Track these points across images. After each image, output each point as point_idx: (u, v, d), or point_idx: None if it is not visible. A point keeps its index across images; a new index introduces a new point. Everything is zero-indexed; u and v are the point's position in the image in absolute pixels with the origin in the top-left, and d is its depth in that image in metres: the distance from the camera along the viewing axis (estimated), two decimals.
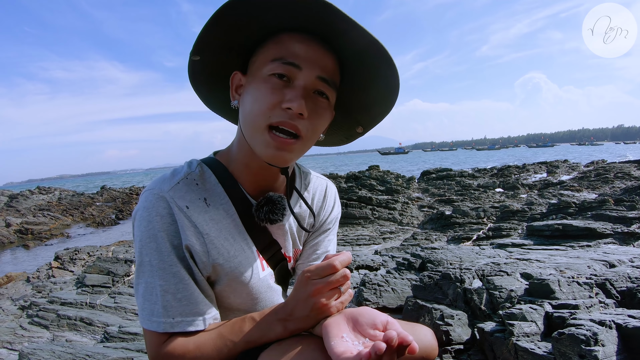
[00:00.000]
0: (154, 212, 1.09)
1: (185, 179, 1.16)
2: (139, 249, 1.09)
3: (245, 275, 1.23)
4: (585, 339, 1.22)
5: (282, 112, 1.03)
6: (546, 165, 23.42)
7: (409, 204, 12.61)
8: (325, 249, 1.46)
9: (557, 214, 7.01)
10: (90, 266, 5.61)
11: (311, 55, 1.04)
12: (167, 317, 1.08)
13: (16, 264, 12.40)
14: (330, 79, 1.07)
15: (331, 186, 1.51)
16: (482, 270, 2.26)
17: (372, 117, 1.28)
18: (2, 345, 4.09)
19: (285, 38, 1.06)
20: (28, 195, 28.67)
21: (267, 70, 1.05)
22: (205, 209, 1.15)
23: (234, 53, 1.17)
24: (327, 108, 1.10)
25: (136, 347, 2.93)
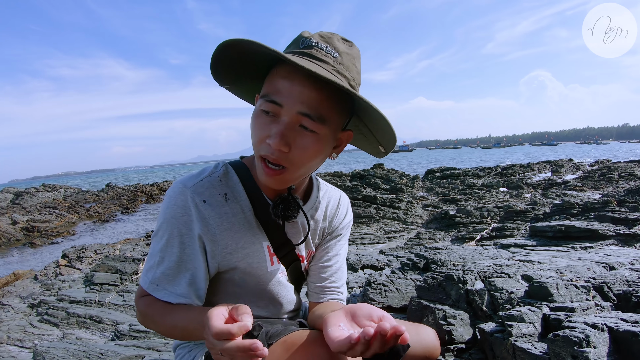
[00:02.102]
0: (173, 202, 1.25)
1: (209, 177, 1.31)
2: (158, 225, 1.29)
3: (253, 266, 1.37)
4: (578, 341, 1.29)
5: (267, 146, 1.15)
6: (551, 164, 23.38)
7: (413, 203, 12.65)
8: (336, 253, 1.57)
9: (560, 214, 7.04)
10: (99, 264, 5.68)
11: (293, 92, 1.12)
12: (153, 282, 1.27)
13: (23, 261, 12.45)
14: (314, 114, 1.13)
15: (344, 197, 1.64)
16: (484, 271, 2.33)
17: (385, 142, 1.35)
18: (13, 342, 4.15)
19: (274, 73, 1.17)
20: (33, 192, 28.73)
21: (258, 106, 1.18)
22: (222, 203, 1.29)
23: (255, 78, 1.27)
24: (315, 141, 1.17)
25: (147, 344, 3.01)
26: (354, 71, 1.20)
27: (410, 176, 20.33)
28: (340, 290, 1.58)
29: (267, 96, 1.13)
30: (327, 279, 1.56)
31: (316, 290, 1.56)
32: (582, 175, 17.21)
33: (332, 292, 1.55)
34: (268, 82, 1.17)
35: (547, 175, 19.27)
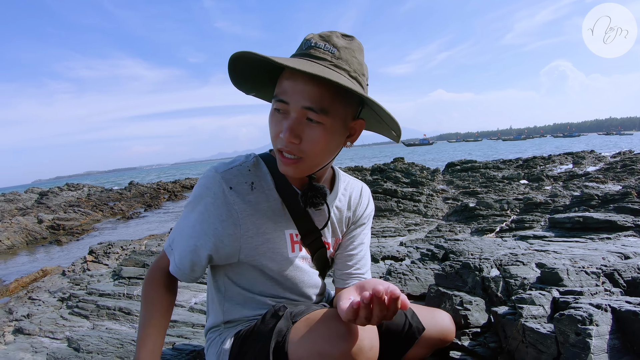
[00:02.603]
0: (203, 184, 1.40)
1: (239, 166, 1.43)
2: (188, 201, 1.45)
3: (274, 251, 1.48)
4: (581, 319, 1.39)
5: (281, 140, 1.28)
6: (572, 156, 23.12)
7: (433, 196, 12.63)
8: (361, 241, 1.70)
9: (580, 206, 7.02)
10: (126, 259, 5.80)
11: (296, 89, 1.24)
12: (170, 245, 1.48)
13: (50, 259, 12.60)
14: (317, 107, 1.24)
15: (366, 187, 1.78)
16: (500, 260, 2.40)
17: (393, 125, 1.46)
18: (45, 334, 4.26)
19: (281, 76, 1.31)
20: (57, 192, 29.02)
21: (272, 105, 1.32)
22: (248, 192, 1.41)
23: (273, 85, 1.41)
24: (322, 131, 1.28)
25: (176, 332, 3.13)
26: (355, 63, 1.30)
27: (431, 169, 20.26)
28: (364, 276, 1.69)
29: (276, 96, 1.27)
30: (352, 266, 1.67)
31: (342, 276, 1.68)
32: (604, 166, 17.01)
33: (357, 278, 1.67)
34: (277, 85, 1.30)
35: (568, 167, 19.05)
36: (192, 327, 3.37)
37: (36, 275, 8.05)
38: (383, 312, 1.06)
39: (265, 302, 1.54)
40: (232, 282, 1.54)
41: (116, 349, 2.63)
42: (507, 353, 1.69)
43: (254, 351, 1.35)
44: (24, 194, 29.45)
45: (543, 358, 1.47)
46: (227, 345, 1.50)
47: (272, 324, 1.35)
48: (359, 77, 1.30)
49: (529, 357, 1.53)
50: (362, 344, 1.17)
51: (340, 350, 1.15)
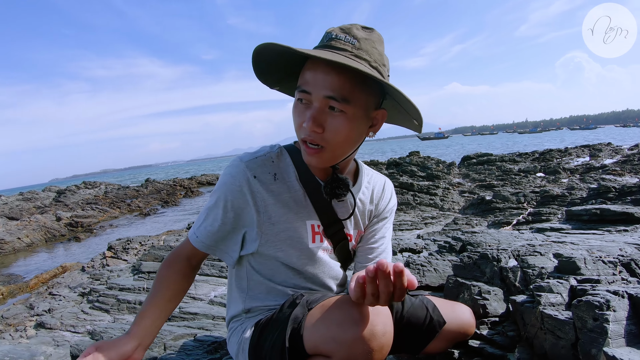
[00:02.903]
0: (228, 172, 1.45)
1: (263, 156, 1.48)
2: (213, 190, 1.49)
3: (294, 239, 1.52)
4: (599, 305, 1.40)
5: (305, 129, 1.31)
6: (589, 148, 22.91)
7: (449, 190, 12.61)
8: (382, 235, 1.73)
9: (597, 198, 6.96)
10: (145, 254, 5.86)
11: (317, 79, 1.28)
12: (195, 233, 1.52)
13: (69, 255, 12.75)
14: (338, 95, 1.27)
15: (389, 182, 1.81)
16: (517, 251, 2.42)
17: (415, 113, 1.46)
18: (66, 328, 4.33)
19: (305, 66, 1.34)
20: (75, 190, 29.27)
21: (295, 96, 1.36)
22: (271, 182, 1.46)
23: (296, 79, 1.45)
24: (345, 120, 1.31)
25: (197, 325, 3.18)
26: (375, 53, 1.32)
27: (447, 163, 20.19)
28: None
29: (299, 87, 1.31)
30: (373, 259, 1.70)
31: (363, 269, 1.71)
32: (621, 159, 16.82)
33: None
34: (300, 76, 1.34)
35: (585, 160, 18.89)
36: (213, 319, 3.42)
37: (56, 271, 8.17)
38: (389, 288, 1.07)
39: (286, 292, 1.57)
40: (255, 271, 1.58)
41: None
42: (525, 340, 1.71)
43: (272, 338, 1.39)
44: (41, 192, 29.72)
45: (561, 344, 1.50)
46: (248, 334, 1.54)
47: (289, 312, 1.38)
48: (380, 67, 1.33)
49: (548, 343, 1.55)
50: (376, 329, 1.19)
51: (353, 335, 1.18)
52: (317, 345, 1.25)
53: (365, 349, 1.18)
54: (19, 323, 4.92)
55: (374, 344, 1.19)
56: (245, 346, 1.53)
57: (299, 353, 1.30)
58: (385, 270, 1.04)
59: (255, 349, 1.48)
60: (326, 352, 1.23)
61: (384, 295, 1.08)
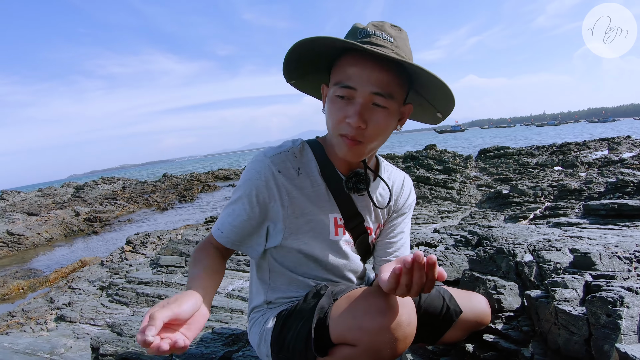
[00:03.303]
0: (253, 167, 1.47)
1: (286, 151, 1.51)
2: (237, 185, 1.51)
3: (316, 231, 1.56)
4: (612, 301, 1.41)
5: (346, 125, 1.33)
6: (607, 141, 22.64)
7: (466, 183, 12.55)
8: (401, 230, 1.77)
9: (615, 193, 6.89)
10: (164, 248, 5.91)
11: (364, 76, 1.30)
12: (219, 228, 1.52)
13: (88, 249, 12.86)
14: (385, 92, 1.31)
15: (408, 178, 1.86)
16: (533, 245, 2.42)
17: (444, 107, 1.54)
18: (86, 321, 4.38)
19: (343, 62, 1.35)
20: (93, 185, 29.47)
21: (332, 92, 1.36)
22: (294, 176, 1.49)
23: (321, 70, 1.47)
24: (386, 115, 1.35)
25: (215, 317, 3.23)
26: (407, 51, 1.36)
27: (463, 156, 20.09)
28: None
29: (341, 83, 1.32)
30: (392, 254, 1.74)
31: (382, 263, 1.74)
32: None
33: None
34: (338, 71, 1.35)
35: (603, 153, 18.66)
36: (230, 312, 3.46)
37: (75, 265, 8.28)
38: (422, 279, 1.10)
39: (307, 284, 1.61)
40: (277, 263, 1.62)
41: None
42: (539, 335, 1.73)
43: (296, 329, 1.42)
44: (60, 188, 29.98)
45: (574, 339, 1.51)
46: (270, 324, 1.58)
47: (314, 302, 1.41)
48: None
49: (561, 338, 1.57)
50: (401, 319, 1.23)
51: (379, 324, 1.21)
52: (343, 335, 1.28)
53: (390, 337, 1.21)
54: (39, 316, 5.00)
55: (399, 333, 1.22)
56: (268, 336, 1.57)
57: (324, 343, 1.33)
58: (421, 262, 1.07)
59: (278, 339, 1.52)
60: (352, 341, 1.26)
61: (416, 286, 1.11)
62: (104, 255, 8.40)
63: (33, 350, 3.09)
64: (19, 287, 8.18)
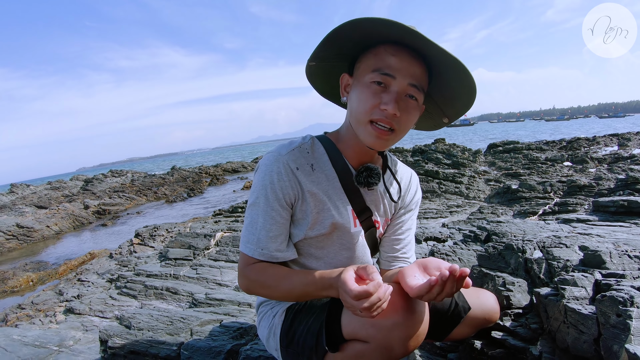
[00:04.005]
0: (270, 169, 1.43)
1: (299, 148, 1.50)
2: (255, 193, 1.46)
3: (340, 223, 1.55)
4: (623, 301, 1.40)
5: (380, 111, 1.33)
6: (617, 137, 22.47)
7: (475, 178, 12.49)
8: (408, 227, 1.77)
9: (625, 189, 6.85)
10: (172, 241, 5.93)
11: (403, 66, 1.31)
12: (258, 246, 1.45)
13: (97, 242, 12.90)
14: (419, 84, 1.33)
15: (415, 175, 1.84)
16: (543, 242, 2.40)
17: (455, 111, 1.55)
18: (95, 314, 4.41)
19: (381, 50, 1.35)
20: (102, 178, 29.63)
21: (369, 78, 1.34)
22: (310, 172, 1.48)
23: (342, 59, 1.47)
24: (416, 107, 1.37)
25: (223, 311, 3.22)
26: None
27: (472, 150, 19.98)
28: (410, 260, 1.75)
29: (381, 70, 1.32)
30: (399, 250, 1.73)
31: (388, 259, 1.74)
32: None
33: (402, 261, 1.73)
34: (375, 59, 1.35)
35: (613, 149, 18.50)
36: (238, 305, 3.46)
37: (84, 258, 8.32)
38: (453, 290, 1.12)
39: None
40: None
41: (166, 326, 2.72)
42: (548, 333, 1.72)
43: (307, 323, 1.43)
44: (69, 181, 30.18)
45: (583, 338, 1.50)
46: (280, 318, 1.58)
47: (326, 298, 1.42)
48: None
49: (570, 337, 1.56)
50: (414, 317, 1.23)
51: (393, 322, 1.22)
52: (355, 331, 1.29)
53: (403, 335, 1.23)
54: (48, 309, 5.03)
55: (412, 330, 1.24)
56: (277, 330, 1.57)
57: (335, 338, 1.34)
58: (457, 274, 1.09)
59: (288, 333, 1.52)
60: (364, 338, 1.28)
61: (445, 295, 1.14)
62: (112, 248, 8.43)
63: (42, 343, 3.10)
64: (29, 280, 8.24)
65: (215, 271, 4.84)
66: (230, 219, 9.24)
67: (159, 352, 2.45)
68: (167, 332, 2.68)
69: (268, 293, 1.48)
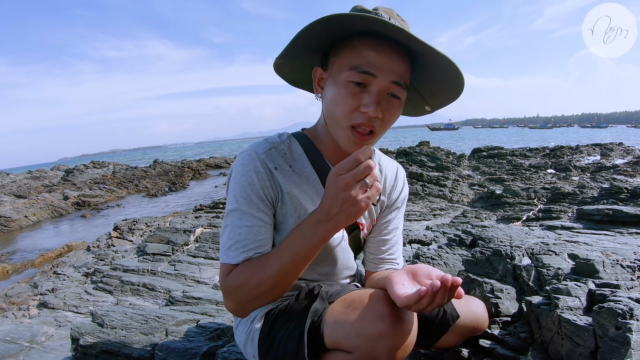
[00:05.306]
0: (247, 169, 1.33)
1: (276, 148, 1.40)
2: (234, 197, 1.33)
3: None
4: (622, 313, 1.35)
5: (360, 114, 1.23)
6: (600, 147, 22.75)
7: (459, 182, 12.56)
8: (395, 226, 1.67)
9: (608, 198, 6.91)
10: (151, 236, 5.86)
11: (384, 63, 1.20)
12: (243, 251, 1.31)
13: (75, 234, 12.79)
14: (402, 82, 1.23)
15: (401, 169, 1.73)
16: (531, 249, 2.37)
17: (439, 101, 1.46)
18: (69, 309, 4.32)
19: (358, 45, 1.24)
20: (83, 169, 29.42)
21: (346, 77, 1.23)
22: (290, 173, 1.39)
23: (314, 52, 1.37)
24: (398, 106, 1.28)
25: (200, 310, 3.14)
26: None
27: (457, 154, 20.10)
28: (397, 261, 1.68)
29: (359, 67, 1.21)
30: (385, 251, 1.66)
31: (374, 260, 1.66)
32: (633, 160, 16.66)
33: (389, 263, 1.66)
34: (352, 55, 1.23)
35: (596, 159, 18.74)
36: (217, 304, 3.38)
37: (61, 250, 8.19)
38: (444, 301, 1.04)
39: (298, 284, 1.51)
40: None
41: (140, 325, 2.64)
42: (540, 344, 1.66)
43: (287, 330, 1.34)
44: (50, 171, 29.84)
45: (579, 351, 1.44)
46: (258, 323, 1.48)
47: (306, 303, 1.33)
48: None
49: (564, 349, 1.50)
50: (402, 327, 1.15)
51: (379, 331, 1.13)
52: (338, 341, 1.20)
53: (389, 345, 1.14)
54: (22, 302, 4.91)
55: (399, 341, 1.15)
56: (255, 336, 1.48)
57: (316, 346, 1.26)
58: (448, 285, 1.00)
59: (267, 340, 1.43)
60: (348, 348, 1.19)
61: (435, 305, 1.05)
62: (90, 241, 8.30)
63: (13, 338, 3.02)
64: (4, 270, 8.10)
65: (194, 268, 4.77)
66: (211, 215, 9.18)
67: (132, 352, 2.37)
68: (141, 331, 2.59)
69: (261, 289, 1.27)
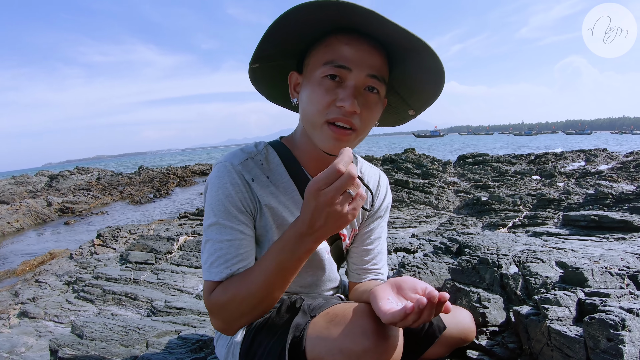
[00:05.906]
0: (224, 182, 1.28)
1: (252, 159, 1.35)
2: (212, 211, 1.28)
3: None
4: (613, 324, 1.31)
5: (336, 109, 1.18)
6: (584, 153, 22.94)
7: (445, 188, 12.59)
8: (378, 235, 1.63)
9: (594, 204, 6.95)
10: (134, 244, 5.81)
11: (359, 56, 1.17)
12: (226, 267, 1.25)
13: (58, 241, 12.66)
14: (379, 75, 1.20)
15: (384, 176, 1.68)
16: (518, 256, 2.34)
17: (422, 101, 1.41)
18: (50, 318, 4.25)
19: (333, 41, 1.20)
20: (67, 175, 29.22)
21: (320, 73, 1.20)
22: (267, 184, 1.34)
23: (288, 57, 1.32)
24: (377, 101, 1.24)
25: (182, 321, 3.08)
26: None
27: (442, 161, 20.17)
28: (381, 271, 1.63)
29: (334, 62, 1.17)
30: (369, 262, 1.61)
31: (358, 271, 1.62)
32: (617, 165, 16.82)
33: (373, 273, 1.61)
34: (327, 51, 1.20)
35: (580, 165, 18.89)
36: (199, 314, 3.32)
37: (44, 257, 8.07)
38: (431, 317, 1.00)
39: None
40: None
41: (120, 337, 2.58)
42: (529, 355, 1.63)
43: (268, 345, 1.28)
44: (34, 177, 29.60)
45: None
46: (239, 337, 1.43)
47: (288, 317, 1.28)
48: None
49: None
50: (387, 343, 1.10)
51: (364, 348, 1.08)
52: (321, 357, 1.14)
53: None
54: (2, 311, 4.82)
55: (384, 357, 1.10)
56: (236, 351, 1.42)
57: None
58: (435, 301, 0.96)
59: (247, 354, 1.37)
60: None
61: (422, 321, 1.01)
62: (73, 248, 8.19)
63: None
64: None
65: (177, 276, 4.71)
66: (196, 222, 9.11)
67: None
68: (122, 343, 2.53)
69: (247, 306, 1.24)
